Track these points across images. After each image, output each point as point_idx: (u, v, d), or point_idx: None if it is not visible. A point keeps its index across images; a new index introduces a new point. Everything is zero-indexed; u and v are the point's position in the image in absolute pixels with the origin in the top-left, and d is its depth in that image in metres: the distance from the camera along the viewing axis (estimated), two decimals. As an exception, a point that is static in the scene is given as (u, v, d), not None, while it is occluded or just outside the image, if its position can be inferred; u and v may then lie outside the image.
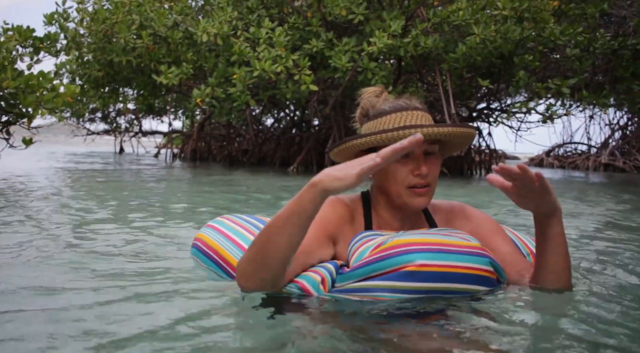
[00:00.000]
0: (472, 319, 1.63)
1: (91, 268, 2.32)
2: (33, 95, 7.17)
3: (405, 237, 1.79)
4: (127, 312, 1.67)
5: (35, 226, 3.46)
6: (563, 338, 1.48)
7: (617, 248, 3.32)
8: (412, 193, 1.91)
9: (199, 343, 1.41)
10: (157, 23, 9.90)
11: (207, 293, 1.90)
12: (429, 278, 1.71)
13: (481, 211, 2.13)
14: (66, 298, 1.83)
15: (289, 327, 1.57)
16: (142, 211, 4.44)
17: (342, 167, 1.61)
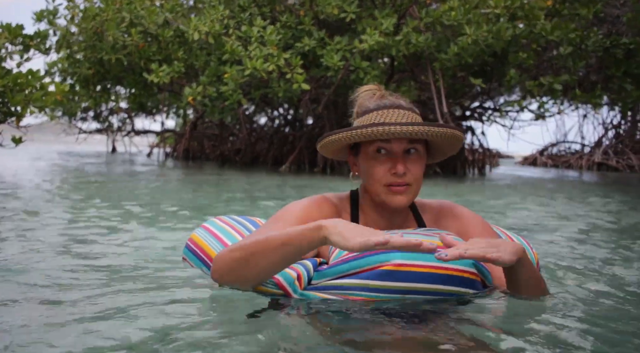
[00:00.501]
0: (452, 321, 1.60)
1: (77, 268, 2.30)
2: (22, 93, 7.10)
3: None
4: (109, 311, 1.65)
5: (23, 227, 3.41)
6: (541, 342, 1.45)
7: (603, 249, 3.30)
8: (390, 192, 1.87)
9: (171, 343, 1.38)
10: (147, 20, 9.84)
11: (185, 293, 1.89)
12: (406, 278, 1.68)
13: (471, 211, 2.09)
14: (52, 298, 1.81)
15: (266, 327, 1.55)
16: (132, 211, 4.40)
17: (353, 228, 1.57)
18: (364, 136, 1.83)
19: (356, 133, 1.83)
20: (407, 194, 1.87)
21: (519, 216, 4.86)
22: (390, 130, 1.79)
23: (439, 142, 1.96)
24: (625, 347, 1.48)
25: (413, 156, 1.88)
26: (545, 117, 10.56)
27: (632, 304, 1.97)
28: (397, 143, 1.85)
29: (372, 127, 1.81)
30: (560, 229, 4.02)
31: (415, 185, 1.89)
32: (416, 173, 1.88)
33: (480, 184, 9.93)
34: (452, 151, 2.06)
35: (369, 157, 1.88)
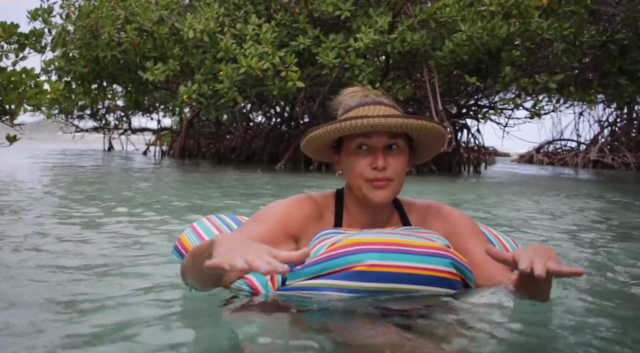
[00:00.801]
0: (429, 319, 1.61)
1: (65, 267, 2.31)
2: (15, 91, 7.09)
3: (361, 236, 1.76)
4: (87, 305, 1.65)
5: (16, 222, 3.41)
6: (517, 343, 1.46)
7: (591, 247, 3.31)
8: (371, 186, 1.86)
9: (143, 344, 1.39)
10: (142, 17, 9.83)
11: (159, 293, 1.91)
12: (380, 278, 1.67)
13: (459, 211, 2.08)
14: (39, 298, 1.81)
15: (238, 326, 1.55)
16: (125, 209, 4.41)
17: (234, 244, 1.40)
18: (345, 129, 1.83)
19: (336, 127, 1.83)
20: (388, 189, 1.87)
21: (512, 215, 4.87)
22: (370, 122, 1.79)
23: (421, 138, 1.95)
24: (608, 342, 1.49)
25: (394, 152, 1.88)
26: (540, 116, 10.56)
27: (616, 301, 1.98)
28: (378, 137, 1.85)
29: (352, 120, 1.81)
30: (550, 227, 4.04)
31: (397, 180, 1.88)
32: (397, 168, 1.88)
33: (475, 182, 9.95)
34: (436, 148, 2.04)
35: (350, 153, 1.89)
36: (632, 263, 2.80)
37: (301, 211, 1.93)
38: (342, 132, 1.85)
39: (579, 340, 1.48)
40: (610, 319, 1.74)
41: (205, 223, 2.37)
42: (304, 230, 1.92)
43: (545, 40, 10.26)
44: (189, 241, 2.30)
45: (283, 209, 1.92)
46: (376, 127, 1.81)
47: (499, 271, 1.88)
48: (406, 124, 1.83)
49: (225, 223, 2.36)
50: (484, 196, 6.74)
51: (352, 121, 1.81)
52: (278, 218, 1.88)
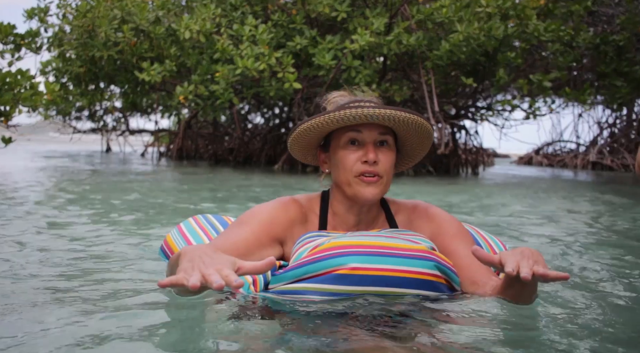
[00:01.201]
0: (412, 322, 1.59)
1: (60, 265, 2.32)
2: (10, 93, 7.07)
3: (344, 239, 1.74)
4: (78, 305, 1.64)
5: (11, 225, 3.40)
6: (503, 344, 1.44)
7: (583, 249, 3.30)
8: (361, 182, 1.85)
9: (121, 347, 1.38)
10: (138, 17, 9.81)
11: (140, 295, 1.88)
12: (362, 281, 1.65)
13: (446, 212, 2.06)
14: (35, 297, 1.80)
15: (218, 328, 1.54)
16: (121, 211, 4.40)
17: (195, 258, 1.34)
18: (337, 119, 1.81)
19: (329, 117, 1.81)
20: (377, 186, 1.85)
21: (505, 218, 4.85)
22: (363, 112, 1.78)
23: (409, 136, 1.94)
24: (595, 340, 1.47)
25: (384, 148, 1.87)
26: (536, 117, 10.55)
27: (605, 302, 1.96)
28: (369, 132, 1.84)
29: (345, 110, 1.79)
30: (542, 229, 4.02)
31: (386, 178, 1.87)
32: (387, 165, 1.87)
33: (473, 184, 9.92)
34: (421, 150, 2.03)
35: (340, 148, 1.87)
36: (619, 264, 2.78)
37: (286, 214, 1.92)
38: (336, 122, 1.82)
39: (564, 343, 1.46)
40: (600, 320, 1.72)
41: (192, 223, 2.37)
42: (289, 232, 1.91)
43: (543, 42, 10.25)
44: (174, 242, 2.32)
45: (268, 212, 1.90)
46: (370, 117, 1.80)
47: (484, 274, 1.87)
48: (398, 117, 1.81)
49: (210, 223, 2.36)
50: (479, 198, 6.73)
51: (346, 111, 1.79)
52: (262, 221, 1.86)
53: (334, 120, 1.81)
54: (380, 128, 1.86)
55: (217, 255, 1.35)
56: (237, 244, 1.77)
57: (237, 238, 1.80)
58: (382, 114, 1.79)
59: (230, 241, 1.79)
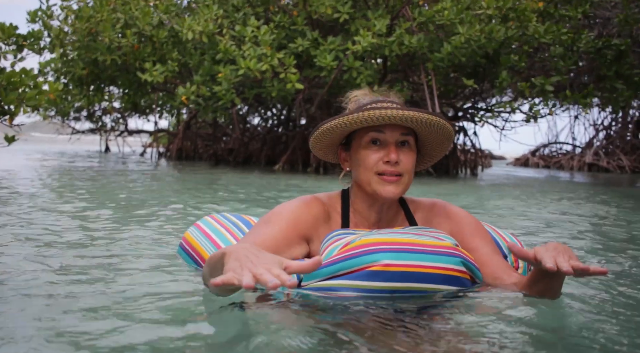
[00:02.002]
0: (444, 316, 1.63)
1: (64, 267, 2.31)
2: (15, 92, 7.08)
3: (374, 236, 1.78)
4: (93, 305, 1.66)
5: (13, 223, 3.42)
6: (529, 340, 1.48)
7: (585, 246, 3.34)
8: (381, 181, 1.89)
9: (163, 341, 1.40)
10: (141, 22, 9.84)
11: (177, 292, 1.90)
12: (394, 277, 1.69)
13: (463, 210, 2.11)
14: (38, 296, 1.81)
15: (253, 324, 1.56)
16: (121, 208, 4.41)
17: (241, 257, 1.35)
18: (360, 120, 1.85)
19: (352, 117, 1.85)
20: (398, 185, 1.90)
21: (514, 218, 4.90)
22: (386, 113, 1.82)
23: (429, 137, 1.99)
24: (611, 339, 1.51)
25: (405, 148, 1.92)
26: (536, 119, 10.62)
27: (618, 300, 2.01)
28: (391, 132, 1.89)
29: (368, 111, 1.83)
30: (540, 229, 4.07)
31: (407, 177, 1.92)
32: (408, 165, 1.91)
33: (473, 184, 9.98)
34: (440, 151, 2.08)
35: (362, 147, 1.91)
36: (624, 263, 2.83)
37: (311, 212, 1.95)
38: (359, 123, 1.86)
39: (588, 338, 1.50)
40: (618, 318, 1.76)
41: (212, 222, 2.37)
42: (315, 230, 1.95)
43: (543, 44, 10.33)
44: (197, 241, 2.30)
45: (293, 210, 1.93)
46: (393, 119, 1.84)
47: (504, 270, 1.92)
48: (421, 118, 1.86)
49: (232, 222, 2.37)
50: (484, 199, 6.78)
51: (370, 112, 1.83)
52: (289, 219, 1.89)
53: (357, 121, 1.85)
54: (402, 129, 1.90)
55: (263, 254, 1.35)
56: (266, 243, 1.78)
57: (266, 237, 1.82)
58: (405, 116, 1.83)
59: (259, 239, 1.81)
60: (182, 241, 2.39)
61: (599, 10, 12.52)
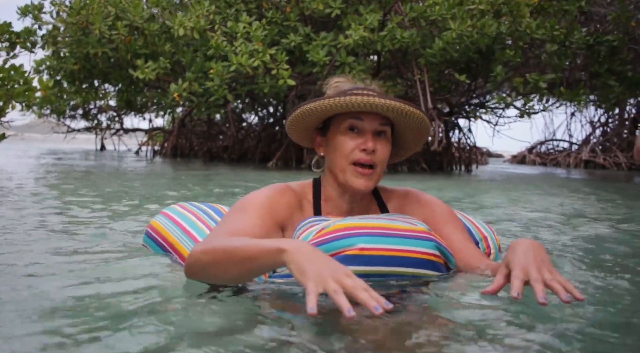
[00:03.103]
0: (417, 301, 1.62)
1: (47, 256, 2.31)
2: (3, 88, 7.07)
3: (348, 221, 1.77)
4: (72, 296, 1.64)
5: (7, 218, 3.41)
6: (507, 323, 1.46)
7: (571, 239, 3.33)
8: (355, 172, 1.88)
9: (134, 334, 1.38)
10: (132, 14, 9.82)
11: (147, 280, 1.88)
12: (370, 261, 1.69)
13: (436, 198, 2.11)
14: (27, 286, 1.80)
15: (229, 312, 1.54)
16: (110, 203, 4.40)
17: (313, 258, 1.39)
18: (341, 105, 1.83)
19: (333, 101, 1.83)
20: (370, 178, 1.90)
21: (498, 214, 4.90)
22: (368, 101, 1.81)
23: (406, 131, 1.99)
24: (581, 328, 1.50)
25: (382, 139, 1.91)
26: (530, 115, 10.61)
27: (599, 282, 2.00)
28: (370, 121, 1.88)
29: (350, 97, 1.82)
30: (530, 220, 4.07)
31: (380, 168, 1.91)
32: (383, 155, 1.91)
33: (466, 181, 9.97)
34: (414, 146, 2.08)
35: (339, 133, 1.90)
36: (607, 254, 2.82)
37: (284, 200, 1.94)
38: (340, 108, 1.84)
39: (567, 320, 1.48)
40: (598, 300, 1.75)
41: (178, 209, 2.34)
42: (289, 218, 1.93)
43: (536, 40, 10.31)
44: (164, 227, 2.27)
45: (267, 198, 1.90)
46: (375, 107, 1.83)
47: (476, 257, 1.92)
48: (403, 109, 1.85)
49: (200, 208, 2.34)
50: (474, 195, 6.78)
51: (352, 97, 1.82)
52: (265, 207, 1.87)
53: (339, 105, 1.84)
54: (381, 119, 1.89)
55: (332, 261, 1.39)
56: (245, 230, 1.76)
57: (243, 225, 1.79)
58: (387, 105, 1.83)
59: (236, 227, 1.78)
60: (149, 229, 2.34)
61: (595, 7, 12.51)
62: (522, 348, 1.28)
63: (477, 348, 1.26)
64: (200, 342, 1.27)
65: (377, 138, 1.89)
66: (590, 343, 1.33)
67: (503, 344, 1.29)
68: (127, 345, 1.25)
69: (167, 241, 2.23)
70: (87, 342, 1.27)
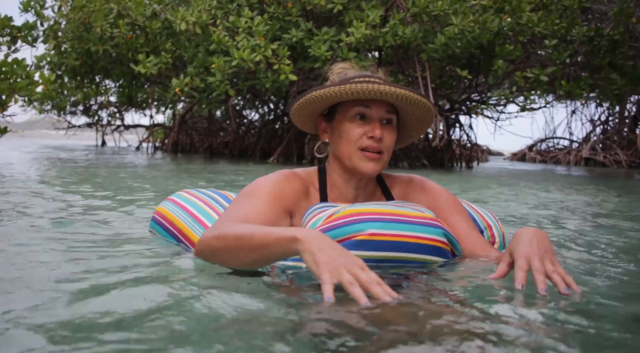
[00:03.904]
0: (425, 287, 1.62)
1: (50, 248, 2.29)
2: (6, 82, 7.07)
3: (358, 207, 1.79)
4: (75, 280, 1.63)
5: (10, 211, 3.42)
6: (515, 310, 1.46)
7: (569, 231, 3.34)
8: (363, 157, 1.89)
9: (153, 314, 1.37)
10: (134, 12, 9.82)
11: (158, 265, 1.89)
12: (379, 247, 1.71)
13: (440, 186, 2.12)
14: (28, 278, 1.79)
15: (238, 296, 1.53)
16: (110, 195, 4.41)
17: (327, 248, 1.42)
18: (351, 92, 1.84)
19: (343, 88, 1.83)
20: (378, 162, 1.91)
21: (500, 209, 4.91)
22: (378, 89, 1.82)
23: (410, 119, 2.00)
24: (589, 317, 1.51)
25: (388, 127, 1.92)
26: (532, 109, 10.62)
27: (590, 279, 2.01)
28: (377, 109, 1.89)
29: (359, 84, 1.82)
30: (531, 216, 4.08)
31: (387, 155, 1.93)
32: (390, 143, 1.92)
33: (467, 178, 9.98)
34: (416, 134, 2.09)
35: (346, 120, 1.91)
36: (602, 246, 2.83)
37: (292, 186, 1.94)
38: (348, 95, 1.85)
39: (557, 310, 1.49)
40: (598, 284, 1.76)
41: (185, 195, 2.34)
42: (296, 204, 1.93)
43: (537, 34, 10.32)
44: (171, 213, 2.27)
45: (274, 184, 1.91)
46: (384, 95, 1.84)
47: (482, 245, 1.95)
48: (411, 98, 1.87)
49: (207, 195, 2.34)
50: (475, 191, 6.80)
51: (360, 85, 1.82)
52: (273, 193, 1.87)
53: (348, 92, 1.84)
54: (388, 106, 1.91)
55: (346, 252, 1.43)
56: (255, 216, 1.76)
57: (252, 211, 1.79)
58: (396, 93, 1.84)
59: (245, 213, 1.78)
60: (156, 215, 2.35)
61: (595, 4, 12.51)
62: (530, 331, 1.29)
63: (483, 329, 1.27)
64: (211, 329, 1.27)
65: (384, 126, 1.91)
66: (592, 335, 1.34)
67: (510, 328, 1.29)
68: (136, 331, 1.25)
69: (175, 226, 2.23)
70: (100, 329, 1.27)
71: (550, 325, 1.29)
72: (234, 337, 1.21)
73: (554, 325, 1.29)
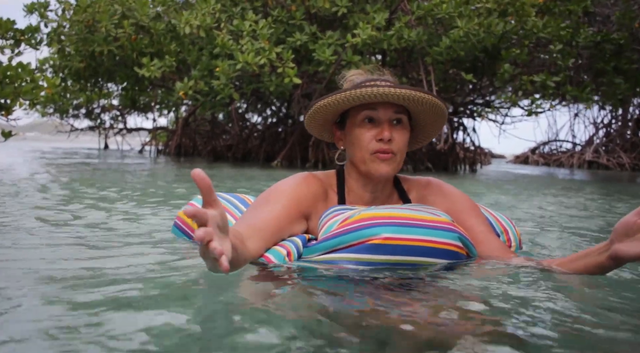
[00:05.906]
0: (441, 289, 1.62)
1: (66, 256, 2.28)
2: (11, 86, 7.07)
3: (373, 211, 1.79)
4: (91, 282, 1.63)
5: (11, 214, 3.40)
6: (531, 310, 1.45)
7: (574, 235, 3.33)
8: (375, 159, 1.90)
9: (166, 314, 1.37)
10: (139, 13, 9.83)
11: (175, 265, 1.88)
12: (394, 251, 1.71)
13: (457, 189, 2.11)
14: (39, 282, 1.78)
15: (253, 296, 1.53)
16: (116, 198, 4.40)
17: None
18: (353, 98, 1.85)
19: (345, 95, 1.85)
20: (391, 163, 1.90)
21: (502, 209, 4.90)
22: (379, 91, 1.82)
23: (422, 116, 1.99)
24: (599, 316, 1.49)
25: (398, 127, 1.92)
26: (537, 114, 10.61)
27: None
28: (384, 110, 1.89)
29: (361, 89, 1.83)
30: (540, 218, 4.06)
31: (400, 156, 1.92)
32: (401, 143, 1.91)
33: (471, 181, 9.97)
34: (434, 129, 2.08)
35: (356, 125, 1.92)
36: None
37: (310, 189, 1.95)
38: (352, 100, 1.86)
39: (571, 309, 1.47)
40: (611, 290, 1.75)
41: None
42: (314, 207, 1.95)
43: (542, 39, 10.32)
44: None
45: (292, 188, 1.92)
46: (386, 97, 1.84)
47: (500, 249, 1.94)
48: (414, 96, 1.86)
49: (226, 200, 2.36)
50: (481, 192, 6.79)
51: (363, 90, 1.83)
52: (290, 197, 1.89)
53: (350, 98, 1.85)
54: (395, 107, 1.90)
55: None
56: (269, 221, 1.79)
57: (268, 215, 1.82)
58: (398, 94, 1.84)
59: (261, 217, 1.81)
60: (177, 221, 2.38)
61: (599, 7, 12.51)
62: (547, 328, 1.29)
63: (494, 330, 1.26)
64: (227, 324, 1.27)
65: (393, 127, 1.91)
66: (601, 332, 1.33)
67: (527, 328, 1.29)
68: (154, 328, 1.24)
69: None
70: (120, 325, 1.26)
71: (566, 326, 1.28)
72: (243, 334, 1.21)
73: (570, 327, 1.28)
